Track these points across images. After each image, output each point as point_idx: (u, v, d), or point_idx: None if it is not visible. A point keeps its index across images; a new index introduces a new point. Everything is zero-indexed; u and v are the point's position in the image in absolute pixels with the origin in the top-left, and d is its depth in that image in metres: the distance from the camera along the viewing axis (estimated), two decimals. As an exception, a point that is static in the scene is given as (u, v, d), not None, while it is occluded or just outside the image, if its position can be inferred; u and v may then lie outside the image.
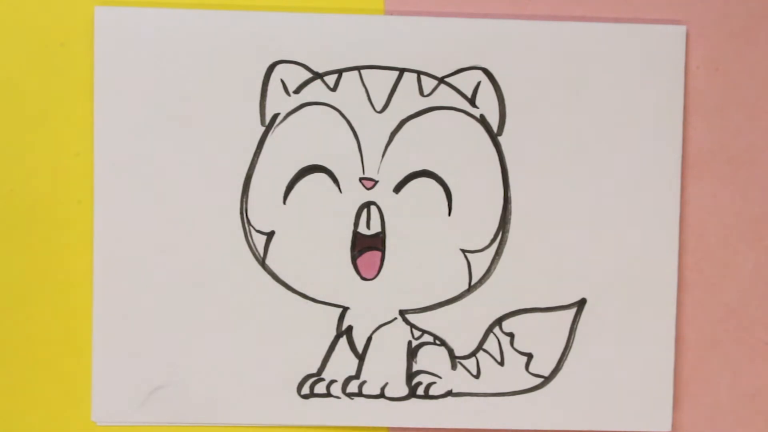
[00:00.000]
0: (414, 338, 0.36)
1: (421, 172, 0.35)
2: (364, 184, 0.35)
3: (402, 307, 0.36)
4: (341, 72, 0.35)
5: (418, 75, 0.35)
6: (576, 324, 0.36)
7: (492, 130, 0.36)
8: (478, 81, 0.35)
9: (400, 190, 0.35)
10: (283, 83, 0.35)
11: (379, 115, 0.35)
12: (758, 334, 0.36)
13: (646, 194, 0.36)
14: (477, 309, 0.36)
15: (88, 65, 0.35)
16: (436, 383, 0.36)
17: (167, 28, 0.34)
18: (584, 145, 0.36)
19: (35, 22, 0.35)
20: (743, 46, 0.36)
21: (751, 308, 0.36)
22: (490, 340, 0.36)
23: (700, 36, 0.36)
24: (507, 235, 0.36)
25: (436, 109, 0.35)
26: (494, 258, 0.36)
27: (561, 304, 0.36)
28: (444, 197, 0.36)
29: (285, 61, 0.35)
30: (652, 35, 0.35)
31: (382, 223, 0.35)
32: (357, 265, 0.35)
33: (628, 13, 0.36)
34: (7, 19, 0.35)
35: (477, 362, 0.36)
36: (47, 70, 0.35)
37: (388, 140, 0.35)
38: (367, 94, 0.35)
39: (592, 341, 0.36)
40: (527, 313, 0.36)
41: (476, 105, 0.35)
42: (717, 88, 0.35)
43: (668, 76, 0.35)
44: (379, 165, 0.35)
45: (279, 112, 0.35)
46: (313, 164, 0.35)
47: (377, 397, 0.36)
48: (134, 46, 0.34)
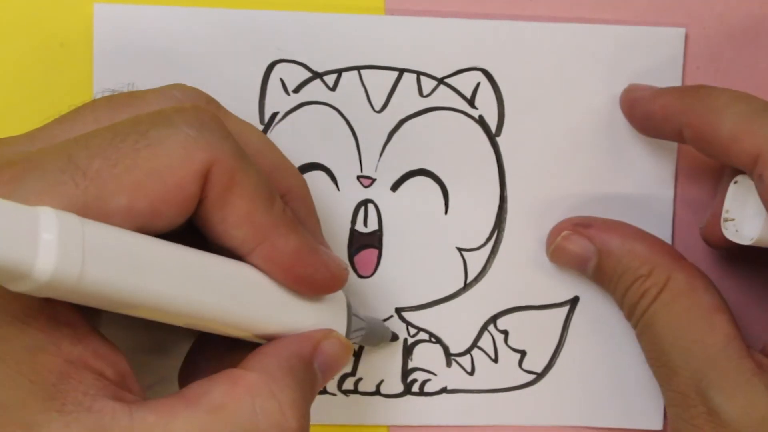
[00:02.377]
0: (410, 336, 0.36)
1: (419, 171, 0.36)
2: (361, 182, 0.35)
3: (398, 305, 0.36)
4: (341, 72, 0.35)
5: (418, 75, 0.35)
6: (569, 321, 0.36)
7: (490, 130, 0.36)
8: (478, 82, 0.35)
9: (398, 188, 0.36)
10: (283, 82, 0.35)
11: (378, 114, 0.35)
12: (754, 329, 0.36)
13: (642, 195, 0.36)
14: (472, 307, 0.36)
15: (87, 64, 0.34)
16: (431, 380, 0.36)
17: (166, 26, 0.34)
18: (582, 146, 0.36)
19: (35, 22, 0.34)
20: (743, 47, 0.36)
21: (745, 309, 0.36)
22: (485, 338, 0.36)
23: (700, 37, 0.36)
24: (503, 234, 0.36)
25: (435, 110, 0.35)
26: (490, 256, 0.36)
27: (554, 302, 0.36)
28: (441, 196, 0.36)
29: (284, 60, 0.35)
30: (651, 37, 0.36)
31: (380, 221, 0.36)
32: (354, 262, 0.36)
33: (627, 15, 0.36)
34: (6, 19, 0.34)
35: (472, 359, 0.36)
36: (47, 70, 0.34)
37: (386, 139, 0.35)
38: (366, 93, 0.35)
39: (584, 338, 0.36)
40: (521, 311, 0.36)
41: (475, 106, 0.36)
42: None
43: (667, 79, 0.36)
44: (377, 163, 0.35)
45: (278, 111, 0.35)
46: (311, 162, 0.35)
47: (373, 394, 0.36)
48: (133, 44, 0.34)
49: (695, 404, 0.31)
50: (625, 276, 0.33)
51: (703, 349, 0.31)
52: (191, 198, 0.24)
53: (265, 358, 0.25)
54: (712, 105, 0.31)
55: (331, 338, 0.28)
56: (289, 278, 0.26)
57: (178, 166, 0.23)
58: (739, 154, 0.30)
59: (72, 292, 0.21)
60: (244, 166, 0.25)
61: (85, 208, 0.22)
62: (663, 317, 0.32)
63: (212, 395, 0.23)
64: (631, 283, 0.33)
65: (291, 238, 0.26)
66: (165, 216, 0.23)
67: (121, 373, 0.23)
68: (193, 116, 0.24)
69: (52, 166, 0.22)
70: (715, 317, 0.31)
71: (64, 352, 0.22)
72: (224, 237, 0.25)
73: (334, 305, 0.29)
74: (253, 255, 0.25)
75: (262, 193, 0.25)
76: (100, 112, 0.26)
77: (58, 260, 0.20)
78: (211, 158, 0.24)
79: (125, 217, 0.23)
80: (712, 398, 0.30)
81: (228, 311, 0.25)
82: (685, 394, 0.31)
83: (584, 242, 0.34)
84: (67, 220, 0.20)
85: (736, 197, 0.32)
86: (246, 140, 0.26)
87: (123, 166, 0.23)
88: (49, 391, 0.21)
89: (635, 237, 0.34)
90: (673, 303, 0.32)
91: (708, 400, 0.30)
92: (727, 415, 0.30)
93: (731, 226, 0.32)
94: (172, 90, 0.27)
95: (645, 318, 0.33)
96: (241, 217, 0.25)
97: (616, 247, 0.33)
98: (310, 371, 0.26)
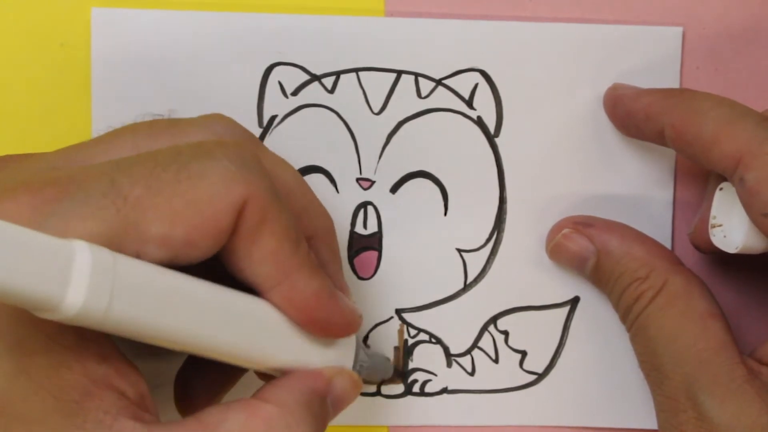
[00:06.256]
0: (410, 336, 0.36)
1: (418, 173, 0.36)
2: (361, 185, 0.36)
3: (398, 306, 0.36)
4: (339, 74, 0.35)
5: (416, 77, 0.35)
6: (569, 321, 0.36)
7: (489, 131, 0.36)
8: (476, 83, 0.35)
9: (397, 190, 0.36)
10: (281, 85, 0.35)
11: (377, 116, 0.35)
12: (748, 334, 0.36)
13: (641, 197, 0.36)
14: (472, 307, 0.36)
15: (87, 65, 0.34)
16: (432, 381, 0.36)
17: (164, 30, 0.34)
18: (581, 146, 0.36)
19: (35, 22, 0.34)
20: (742, 47, 0.36)
21: (744, 309, 0.36)
22: (485, 338, 0.36)
23: (700, 37, 0.36)
24: (502, 235, 0.36)
25: (434, 111, 0.35)
26: (489, 257, 0.36)
27: (555, 302, 0.36)
28: (440, 197, 0.36)
29: (283, 63, 0.35)
30: (649, 37, 0.35)
31: (379, 223, 0.36)
32: (354, 264, 0.36)
33: (625, 15, 0.36)
34: (6, 20, 0.34)
35: (472, 360, 0.36)
36: (47, 70, 0.34)
37: (385, 141, 0.35)
38: (364, 95, 0.35)
39: (585, 338, 0.36)
40: (522, 312, 0.36)
41: (473, 107, 0.36)
42: (716, 89, 0.35)
43: (665, 78, 0.35)
44: (376, 166, 0.35)
45: (277, 114, 0.35)
46: (310, 165, 0.35)
47: (373, 395, 0.36)
48: (131, 48, 0.34)
49: (685, 409, 0.31)
50: (623, 277, 0.33)
51: (695, 353, 0.31)
52: (225, 231, 0.24)
53: (282, 391, 0.26)
54: (695, 107, 0.31)
55: (343, 375, 0.28)
56: (304, 320, 0.27)
57: (216, 199, 0.24)
58: (720, 156, 0.30)
59: (96, 324, 0.21)
60: (277, 204, 0.25)
61: (123, 233, 0.22)
62: (657, 320, 0.32)
63: (230, 424, 0.24)
64: (628, 285, 0.33)
65: (312, 281, 0.26)
66: (198, 247, 0.24)
67: (140, 392, 0.24)
68: (234, 151, 0.25)
69: (95, 189, 0.22)
70: (709, 323, 0.31)
71: (89, 371, 0.23)
72: (247, 272, 0.25)
73: (345, 343, 0.30)
74: (272, 293, 0.26)
75: (291, 233, 0.25)
76: (140, 137, 0.26)
77: (87, 298, 0.20)
78: (248, 194, 0.24)
79: (160, 245, 0.23)
80: (702, 403, 0.30)
81: (246, 347, 0.26)
82: (676, 398, 0.31)
83: (584, 241, 0.34)
84: (100, 256, 0.21)
85: (723, 203, 0.32)
86: (280, 178, 0.27)
87: (164, 196, 0.23)
88: (72, 408, 0.22)
89: (635, 239, 0.34)
90: (669, 307, 0.32)
91: (698, 405, 0.30)
92: (717, 420, 0.30)
93: (719, 232, 0.32)
94: (214, 123, 0.27)
95: (639, 320, 0.33)
96: (267, 254, 0.25)
97: (615, 247, 0.33)
98: (323, 406, 0.27)
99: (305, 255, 0.26)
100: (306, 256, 0.26)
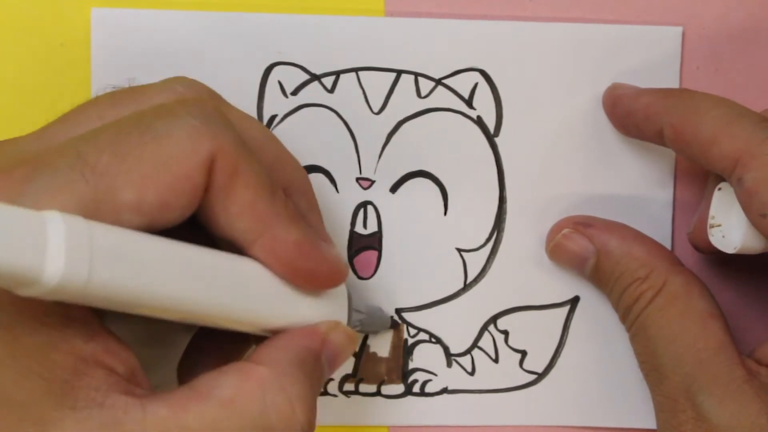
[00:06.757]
0: (410, 336, 0.36)
1: (418, 173, 0.36)
2: (360, 184, 0.36)
3: (398, 306, 0.36)
4: (339, 74, 0.35)
5: (416, 76, 0.35)
6: (569, 321, 0.36)
7: (489, 131, 0.36)
8: (475, 83, 0.35)
9: (397, 190, 0.36)
10: (281, 85, 0.35)
11: (377, 116, 0.35)
12: (748, 334, 0.36)
13: (641, 197, 0.36)
14: (472, 307, 0.36)
15: (88, 65, 0.34)
16: (432, 380, 0.36)
17: (164, 30, 0.34)
18: (581, 146, 0.36)
19: (35, 22, 0.34)
20: (743, 47, 0.36)
21: (743, 309, 0.36)
22: (485, 338, 0.36)
23: (700, 37, 0.36)
24: (502, 235, 0.36)
25: (433, 111, 0.35)
26: (489, 257, 0.36)
27: (555, 302, 0.36)
28: (440, 197, 0.36)
29: (282, 63, 0.35)
30: (648, 36, 0.35)
31: (379, 222, 0.36)
32: (354, 264, 0.36)
33: (625, 14, 0.36)
34: (6, 20, 0.34)
35: (472, 359, 0.36)
36: (47, 70, 0.35)
37: (385, 141, 0.35)
38: (364, 95, 0.35)
39: (585, 338, 0.36)
40: (522, 311, 0.36)
41: (473, 106, 0.36)
42: (716, 89, 0.35)
43: (664, 78, 0.35)
44: (375, 165, 0.35)
45: (276, 114, 0.35)
46: (310, 164, 0.35)
47: (373, 395, 0.36)
48: (131, 48, 0.34)
49: (684, 409, 0.31)
50: (623, 277, 0.33)
51: (694, 354, 0.31)
52: (198, 188, 0.24)
53: (274, 351, 0.26)
54: (695, 107, 0.31)
55: (338, 330, 0.28)
56: (289, 271, 0.26)
57: (184, 156, 0.23)
58: (718, 156, 0.30)
59: (80, 295, 0.21)
60: (247, 156, 0.25)
61: (96, 203, 0.22)
62: (657, 321, 0.32)
63: (223, 389, 0.24)
64: (628, 285, 0.33)
65: (292, 230, 0.26)
66: (173, 208, 0.24)
67: (130, 368, 0.24)
68: (197, 107, 0.24)
69: (62, 163, 0.22)
70: (709, 323, 0.31)
71: (77, 349, 0.22)
72: (227, 228, 0.25)
73: (336, 296, 0.29)
74: (254, 247, 0.26)
75: (264, 183, 0.25)
76: (103, 108, 0.26)
77: (66, 265, 0.20)
78: (216, 148, 0.24)
79: (135, 211, 0.23)
80: (702, 403, 0.30)
81: (235, 308, 0.25)
82: (675, 399, 0.31)
83: (584, 241, 0.34)
84: (75, 223, 0.21)
85: (721, 203, 0.32)
86: (248, 132, 0.26)
87: (131, 160, 0.23)
88: (62, 388, 0.22)
89: (635, 239, 0.34)
90: (668, 307, 0.32)
91: (697, 405, 0.30)
92: (716, 420, 0.30)
93: (717, 232, 0.32)
94: (174, 83, 0.27)
95: (639, 321, 0.33)
96: (243, 206, 0.25)
97: (615, 248, 0.33)
98: (318, 364, 0.27)
99: (282, 204, 0.26)
100: (283, 206, 0.26)
